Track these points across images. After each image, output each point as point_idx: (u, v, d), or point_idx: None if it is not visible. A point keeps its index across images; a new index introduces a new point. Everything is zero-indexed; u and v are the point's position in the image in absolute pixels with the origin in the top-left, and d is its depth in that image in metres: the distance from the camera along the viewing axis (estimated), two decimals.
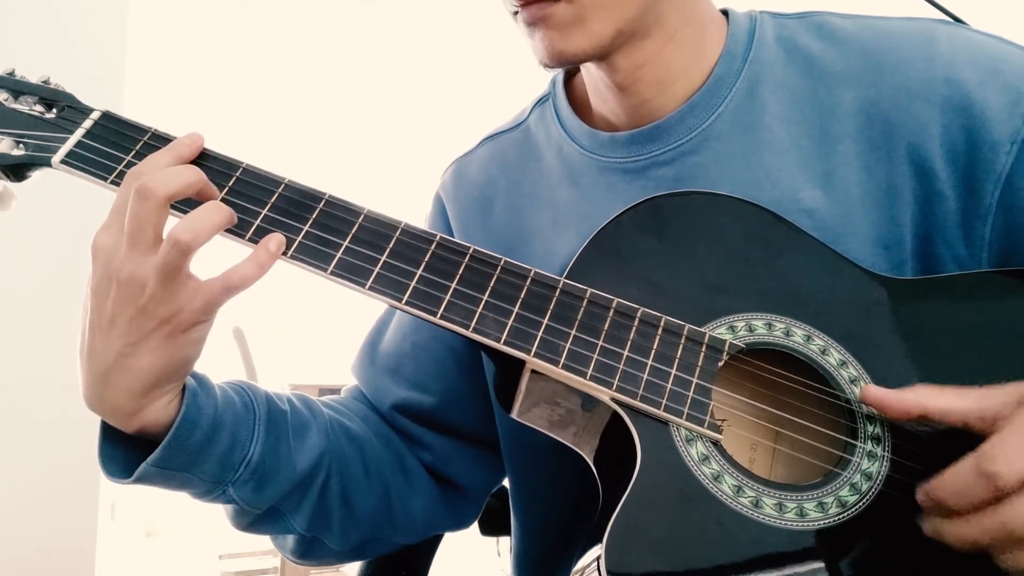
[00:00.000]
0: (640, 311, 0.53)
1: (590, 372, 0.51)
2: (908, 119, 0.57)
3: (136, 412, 0.51)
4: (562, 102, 0.70)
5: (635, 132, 0.64)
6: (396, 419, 0.74)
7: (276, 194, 0.55)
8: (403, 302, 0.53)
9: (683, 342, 0.52)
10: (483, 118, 0.88)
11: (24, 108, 0.59)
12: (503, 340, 0.52)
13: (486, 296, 0.53)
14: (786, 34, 0.64)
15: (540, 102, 0.74)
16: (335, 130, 3.71)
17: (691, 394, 0.51)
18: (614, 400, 0.50)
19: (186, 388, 0.54)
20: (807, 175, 0.59)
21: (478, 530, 0.88)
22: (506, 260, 0.54)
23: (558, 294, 0.53)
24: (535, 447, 0.67)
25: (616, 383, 0.50)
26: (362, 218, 0.55)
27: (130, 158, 0.56)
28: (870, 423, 0.50)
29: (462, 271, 0.54)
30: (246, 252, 0.53)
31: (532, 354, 0.51)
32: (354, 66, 3.63)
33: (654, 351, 0.52)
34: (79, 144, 0.57)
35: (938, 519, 0.44)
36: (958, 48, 0.57)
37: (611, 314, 0.53)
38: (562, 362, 0.51)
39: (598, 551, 0.46)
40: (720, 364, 0.52)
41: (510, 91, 1.43)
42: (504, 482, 0.78)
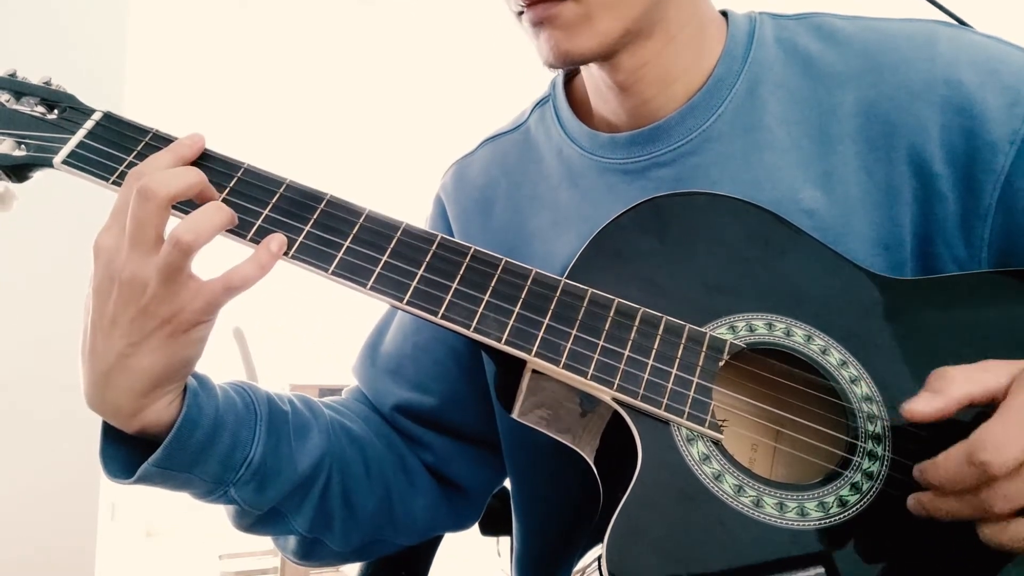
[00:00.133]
0: (641, 311, 0.53)
1: (591, 372, 0.51)
2: (908, 120, 0.57)
3: (137, 412, 0.52)
4: (562, 104, 0.70)
5: (635, 133, 0.64)
6: (397, 420, 0.74)
7: (277, 194, 0.56)
8: (404, 302, 0.53)
9: (684, 342, 0.52)
10: (484, 119, 0.88)
11: (26, 109, 0.59)
12: (504, 340, 0.52)
13: (487, 296, 0.53)
14: (786, 35, 0.64)
15: (540, 104, 0.74)
16: (336, 131, 3.71)
17: (692, 394, 0.51)
18: (615, 400, 0.50)
19: (187, 388, 0.54)
20: (807, 175, 0.59)
21: (478, 530, 0.88)
22: (507, 260, 0.54)
23: (559, 294, 0.54)
24: (536, 447, 0.67)
25: (617, 383, 0.51)
26: (363, 218, 0.55)
27: (131, 159, 0.56)
28: (871, 423, 0.50)
29: (463, 271, 0.54)
30: (247, 252, 0.53)
31: (533, 354, 0.51)
32: (355, 66, 3.63)
33: (655, 351, 0.52)
34: (80, 145, 0.57)
35: (924, 494, 0.45)
36: (959, 49, 0.57)
37: (612, 314, 0.53)
38: (563, 362, 0.51)
39: (599, 551, 0.46)
40: (721, 364, 0.52)
41: (510, 92, 1.43)
42: (505, 482, 0.78)
